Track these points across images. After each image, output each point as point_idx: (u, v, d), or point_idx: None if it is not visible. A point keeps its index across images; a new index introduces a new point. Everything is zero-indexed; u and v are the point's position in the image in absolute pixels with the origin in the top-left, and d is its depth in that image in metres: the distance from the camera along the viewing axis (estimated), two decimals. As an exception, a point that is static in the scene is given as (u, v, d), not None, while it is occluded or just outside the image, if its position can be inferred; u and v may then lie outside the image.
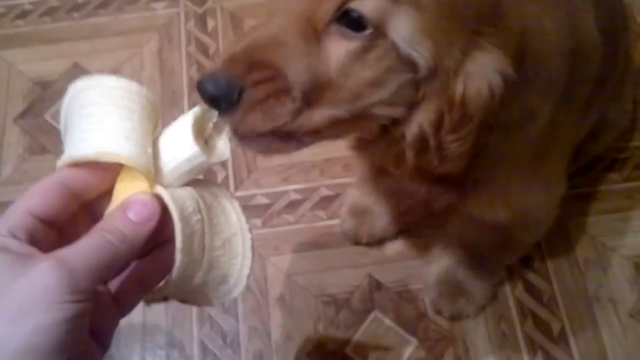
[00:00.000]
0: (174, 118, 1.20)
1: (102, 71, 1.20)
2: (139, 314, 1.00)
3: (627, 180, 1.09)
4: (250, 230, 0.52)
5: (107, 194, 0.48)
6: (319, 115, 0.53)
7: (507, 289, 1.01)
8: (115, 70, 1.22)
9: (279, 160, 1.11)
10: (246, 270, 0.52)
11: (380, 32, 0.50)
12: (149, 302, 0.53)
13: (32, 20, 1.29)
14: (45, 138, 1.17)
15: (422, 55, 0.50)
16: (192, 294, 0.52)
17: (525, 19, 0.56)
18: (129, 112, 0.47)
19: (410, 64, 0.51)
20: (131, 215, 0.45)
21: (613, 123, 0.98)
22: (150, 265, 0.51)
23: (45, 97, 1.21)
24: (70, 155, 0.47)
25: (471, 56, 0.52)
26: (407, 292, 1.01)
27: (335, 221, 1.06)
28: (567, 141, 0.78)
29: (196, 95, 1.08)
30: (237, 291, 0.52)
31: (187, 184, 0.49)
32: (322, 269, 1.03)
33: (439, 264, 0.99)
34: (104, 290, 0.49)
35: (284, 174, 1.11)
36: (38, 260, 0.41)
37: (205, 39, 1.25)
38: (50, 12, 1.30)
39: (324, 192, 1.10)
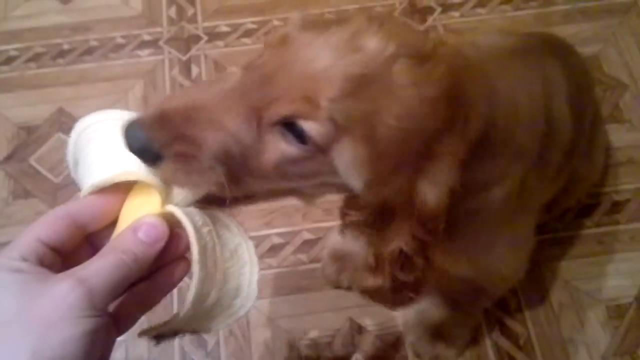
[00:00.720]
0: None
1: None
2: (121, 353, 1.01)
3: (598, 226, 1.13)
4: (249, 238, 0.54)
5: (108, 226, 0.52)
6: (243, 190, 0.54)
7: (485, 332, 1.03)
8: (100, 116, 1.24)
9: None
10: (255, 277, 0.53)
11: (320, 150, 0.51)
12: (158, 339, 0.54)
13: (18, 66, 1.31)
14: (29, 182, 1.18)
15: (357, 183, 0.53)
16: (207, 316, 0.53)
17: (493, 103, 0.59)
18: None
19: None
20: (141, 235, 0.49)
21: (584, 178, 1.01)
22: (149, 287, 0.53)
23: (29, 141, 1.22)
24: (93, 184, 0.50)
25: (424, 174, 0.54)
26: (388, 336, 1.03)
27: (317, 264, 1.08)
28: (536, 204, 0.81)
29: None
30: (250, 301, 0.53)
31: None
32: (304, 313, 1.04)
33: (417, 307, 1.01)
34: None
35: (266, 217, 1.13)
36: (58, 279, 0.45)
37: (190, 86, 1.28)
38: (36, 58, 1.32)
39: (306, 235, 1.11)
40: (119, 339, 0.51)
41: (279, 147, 0.51)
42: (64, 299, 0.43)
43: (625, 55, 1.28)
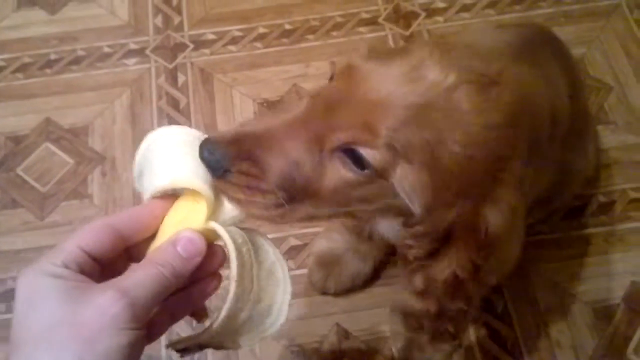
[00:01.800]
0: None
1: (74, 125, 1.24)
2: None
3: (585, 227, 1.13)
4: (284, 258, 0.55)
5: (147, 240, 0.53)
6: (300, 212, 0.56)
7: (472, 336, 1.03)
8: (87, 125, 1.25)
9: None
10: (288, 297, 0.54)
11: (380, 175, 0.53)
12: (184, 352, 0.55)
13: (5, 76, 1.31)
14: (16, 192, 1.18)
15: (416, 206, 0.54)
16: (236, 332, 0.54)
17: (532, 116, 0.61)
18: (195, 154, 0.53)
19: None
20: (180, 250, 0.50)
21: (578, 172, 1.02)
22: (181, 299, 0.54)
23: (17, 151, 1.22)
24: (155, 187, 0.53)
25: (488, 198, 0.55)
26: (376, 341, 1.03)
27: (304, 270, 1.07)
28: (533, 195, 0.82)
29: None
30: (280, 321, 0.54)
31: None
32: (291, 319, 1.03)
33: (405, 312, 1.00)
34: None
35: (253, 224, 1.12)
36: (100, 289, 0.46)
37: (176, 94, 1.28)
38: (23, 68, 1.32)
39: (293, 242, 1.11)
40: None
41: (339, 172, 0.54)
42: (108, 309, 0.45)
43: (609, 58, 1.29)
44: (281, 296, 0.54)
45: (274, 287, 0.54)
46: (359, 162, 0.53)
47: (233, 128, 0.56)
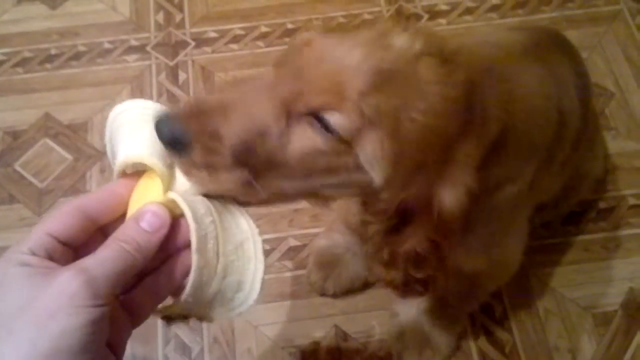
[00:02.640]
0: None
1: (73, 121, 1.23)
2: None
3: (584, 233, 1.13)
4: (259, 234, 0.53)
5: (121, 218, 0.52)
6: (266, 188, 0.54)
7: (470, 340, 1.03)
8: (87, 121, 1.24)
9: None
10: (260, 274, 0.52)
11: (346, 142, 0.52)
12: (168, 320, 0.54)
13: (5, 70, 1.30)
14: (14, 187, 1.17)
15: (377, 175, 0.54)
16: (208, 305, 0.53)
17: (511, 108, 0.60)
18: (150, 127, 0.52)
19: (364, 171, 0.54)
20: (144, 224, 0.49)
21: (589, 173, 1.03)
22: (162, 276, 0.53)
23: (15, 146, 1.22)
24: (115, 166, 0.53)
25: (443, 177, 0.55)
26: (374, 343, 1.02)
27: (303, 271, 1.07)
28: (542, 197, 0.83)
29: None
30: (252, 298, 0.53)
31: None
32: (289, 320, 1.04)
33: (404, 315, 1.00)
34: (115, 302, 0.51)
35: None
36: (61, 270, 0.45)
37: (177, 91, 1.28)
38: (23, 63, 1.31)
39: (292, 242, 1.11)
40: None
41: (306, 135, 0.53)
42: (65, 288, 0.44)
43: (611, 63, 1.29)
44: (252, 273, 0.52)
45: (245, 262, 0.52)
46: (326, 128, 0.52)
47: (192, 99, 0.54)
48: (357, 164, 0.54)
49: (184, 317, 0.55)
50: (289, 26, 1.35)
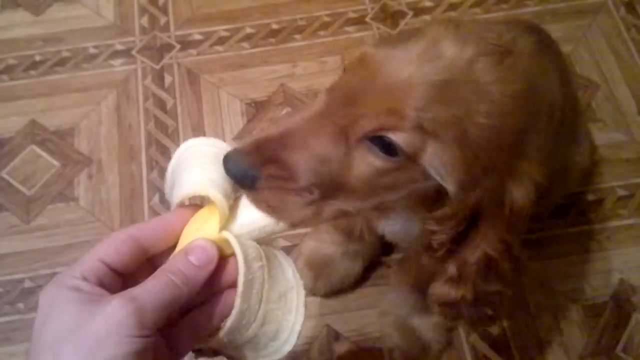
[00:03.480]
0: (131, 173, 1.20)
1: (59, 127, 1.22)
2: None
3: (573, 225, 1.13)
4: (303, 286, 0.54)
5: (170, 250, 0.53)
6: (330, 209, 0.55)
7: (461, 335, 1.03)
8: (73, 127, 1.24)
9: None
10: (297, 327, 0.53)
11: (410, 159, 0.52)
12: (198, 353, 0.55)
13: (-11, 78, 1.30)
14: (1, 195, 1.17)
15: (449, 184, 0.53)
16: (240, 348, 0.53)
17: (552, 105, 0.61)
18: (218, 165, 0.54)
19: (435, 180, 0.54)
20: (192, 259, 0.50)
21: (574, 167, 1.02)
22: (204, 313, 0.54)
23: (1, 154, 1.21)
24: (174, 198, 0.55)
25: (513, 173, 0.55)
26: (366, 342, 1.02)
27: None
28: None
29: (154, 149, 1.09)
30: (286, 349, 0.53)
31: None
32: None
33: (393, 314, 1.01)
34: (158, 336, 0.51)
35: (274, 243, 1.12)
36: (111, 298, 0.46)
37: (163, 95, 1.27)
38: (8, 70, 1.30)
39: (282, 243, 1.11)
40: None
41: (366, 161, 0.53)
42: (114, 316, 0.44)
43: (596, 56, 1.29)
44: (290, 325, 0.53)
45: (285, 313, 0.53)
46: (386, 148, 0.52)
47: (252, 136, 0.55)
48: (424, 175, 0.54)
49: (214, 353, 0.56)
50: (274, 27, 1.34)
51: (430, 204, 0.59)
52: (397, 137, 0.51)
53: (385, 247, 1.05)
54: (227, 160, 0.53)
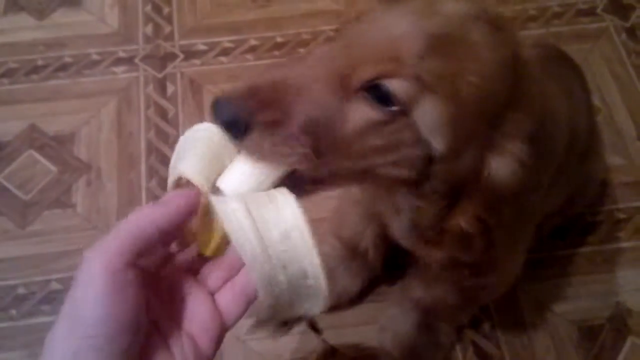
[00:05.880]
0: (130, 181, 1.19)
1: (59, 133, 1.22)
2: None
3: (571, 247, 1.13)
4: (307, 222, 0.51)
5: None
6: (325, 166, 0.53)
7: (459, 354, 1.02)
8: (73, 132, 1.23)
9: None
10: (314, 260, 0.51)
11: (403, 111, 0.52)
12: (259, 325, 0.55)
13: (-10, 81, 1.29)
14: (-2, 200, 1.16)
15: (438, 142, 0.53)
16: (291, 302, 0.53)
17: (544, 99, 0.61)
18: (204, 147, 0.54)
19: (424, 143, 0.54)
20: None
21: (594, 175, 1.04)
22: (234, 289, 0.55)
23: (0, 157, 1.20)
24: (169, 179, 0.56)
25: (494, 147, 0.55)
26: (363, 358, 1.02)
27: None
28: (548, 209, 0.84)
29: (154, 158, 1.09)
30: (322, 282, 0.51)
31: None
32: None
33: (392, 330, 1.00)
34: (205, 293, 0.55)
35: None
36: None
37: (165, 104, 1.27)
38: (9, 73, 1.30)
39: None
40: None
41: (363, 111, 0.52)
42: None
43: (597, 80, 1.30)
44: (308, 259, 0.50)
45: (296, 251, 0.50)
46: (382, 99, 0.52)
47: (245, 81, 0.52)
48: (415, 138, 0.53)
49: (284, 324, 0.55)
50: (278, 39, 1.35)
51: (419, 176, 0.58)
52: (395, 84, 0.51)
53: (388, 267, 1.05)
54: (216, 105, 0.50)
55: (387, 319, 1.01)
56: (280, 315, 0.54)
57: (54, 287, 1.06)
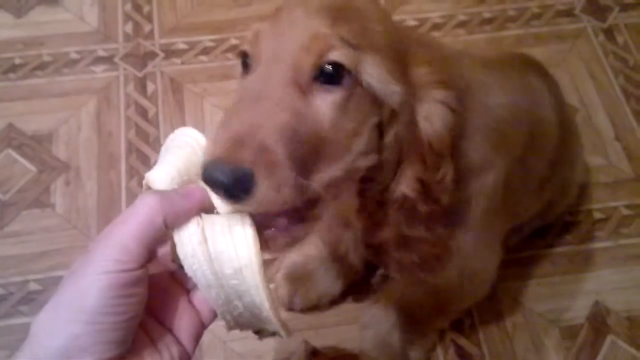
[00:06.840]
0: (110, 181, 1.18)
1: (37, 132, 1.20)
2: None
3: (551, 247, 1.14)
4: (260, 263, 0.50)
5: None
6: (319, 180, 0.53)
7: (439, 354, 1.03)
8: (52, 132, 1.21)
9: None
10: (266, 305, 0.50)
11: (355, 79, 0.55)
12: (259, 335, 0.57)
13: (-33, 79, 1.27)
14: (-25, 202, 1.14)
15: (394, 91, 0.57)
16: (253, 323, 0.54)
17: (469, 85, 0.65)
18: (179, 151, 0.55)
19: (377, 107, 0.57)
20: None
21: (573, 178, 1.05)
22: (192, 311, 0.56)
23: (-23, 158, 1.19)
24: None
25: (419, 98, 0.59)
26: (343, 358, 1.02)
27: (271, 286, 1.06)
28: (519, 209, 0.85)
29: (134, 158, 1.08)
30: (277, 325, 0.52)
31: None
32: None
33: (374, 329, 1.00)
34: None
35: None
36: None
37: (145, 103, 1.26)
38: (-14, 72, 1.28)
39: (265, 256, 1.09)
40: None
41: (326, 98, 0.54)
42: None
43: (575, 80, 1.32)
44: (257, 299, 0.50)
45: (246, 285, 0.50)
46: (332, 79, 0.54)
47: (218, 136, 0.50)
48: (373, 101, 0.56)
49: (256, 332, 0.56)
50: (259, 39, 1.34)
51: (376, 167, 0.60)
52: (335, 54, 0.54)
53: (369, 268, 1.05)
54: (212, 171, 0.47)
55: (368, 318, 1.01)
56: (246, 328, 0.55)
57: (32, 287, 1.04)
